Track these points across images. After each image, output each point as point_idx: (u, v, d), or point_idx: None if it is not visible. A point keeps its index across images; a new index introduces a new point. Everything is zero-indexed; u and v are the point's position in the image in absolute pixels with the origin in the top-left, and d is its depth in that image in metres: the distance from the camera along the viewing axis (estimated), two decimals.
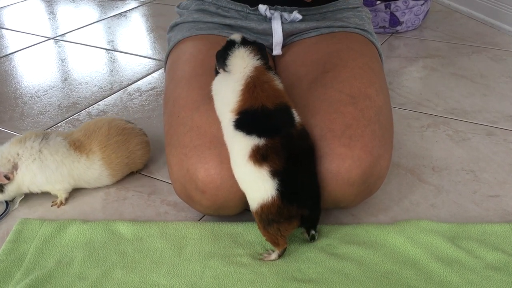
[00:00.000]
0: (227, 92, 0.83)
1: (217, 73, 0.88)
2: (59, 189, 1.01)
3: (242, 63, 0.83)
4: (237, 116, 0.81)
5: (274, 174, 0.77)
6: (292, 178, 0.78)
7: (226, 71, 0.85)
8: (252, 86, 0.81)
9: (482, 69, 1.54)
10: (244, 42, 0.86)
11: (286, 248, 0.85)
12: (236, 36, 0.87)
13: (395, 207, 0.99)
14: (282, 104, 0.82)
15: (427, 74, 1.53)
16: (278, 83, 0.84)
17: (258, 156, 0.77)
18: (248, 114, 0.80)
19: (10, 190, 0.98)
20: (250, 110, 0.80)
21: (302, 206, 0.80)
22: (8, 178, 0.97)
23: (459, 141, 1.19)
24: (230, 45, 0.85)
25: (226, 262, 0.84)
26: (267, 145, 0.78)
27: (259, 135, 0.78)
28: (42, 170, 0.98)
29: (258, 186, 0.78)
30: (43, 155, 0.98)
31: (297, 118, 0.82)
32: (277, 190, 0.77)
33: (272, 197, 0.77)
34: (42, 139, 1.00)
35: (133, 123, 1.10)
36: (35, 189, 1.00)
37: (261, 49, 0.86)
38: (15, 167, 0.97)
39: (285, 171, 0.77)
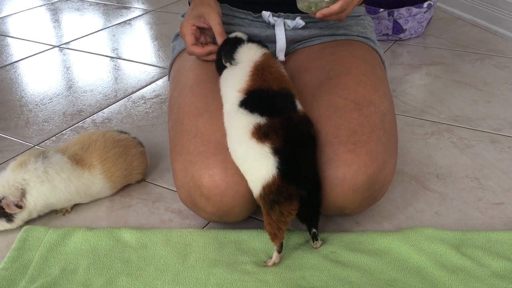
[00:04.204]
0: (236, 75, 0.88)
1: (219, 69, 0.94)
2: (67, 207, 1.00)
3: (250, 52, 0.90)
4: (244, 96, 0.85)
5: (275, 152, 0.79)
6: (291, 158, 0.79)
7: (233, 65, 0.90)
8: (261, 69, 0.87)
9: (486, 76, 1.54)
10: (250, 40, 0.94)
11: (282, 243, 0.84)
12: (242, 34, 0.95)
13: (399, 214, 0.99)
14: (286, 89, 0.86)
15: (431, 82, 1.53)
16: (283, 70, 0.90)
17: (260, 134, 0.80)
18: (255, 94, 0.85)
19: (21, 218, 0.94)
20: (258, 90, 0.85)
21: (301, 187, 0.80)
22: (20, 207, 0.92)
23: (463, 148, 1.19)
24: (236, 41, 0.92)
25: (231, 270, 0.84)
26: (268, 124, 0.81)
27: (261, 114, 0.82)
28: (53, 192, 0.95)
29: (261, 164, 0.79)
30: (50, 175, 0.94)
31: (299, 106, 0.86)
32: (277, 168, 0.78)
33: (272, 176, 0.78)
34: (43, 158, 0.95)
35: (126, 133, 1.08)
36: (46, 210, 0.98)
37: (265, 46, 0.93)
38: (23, 194, 0.93)
39: (284, 151, 0.79)
